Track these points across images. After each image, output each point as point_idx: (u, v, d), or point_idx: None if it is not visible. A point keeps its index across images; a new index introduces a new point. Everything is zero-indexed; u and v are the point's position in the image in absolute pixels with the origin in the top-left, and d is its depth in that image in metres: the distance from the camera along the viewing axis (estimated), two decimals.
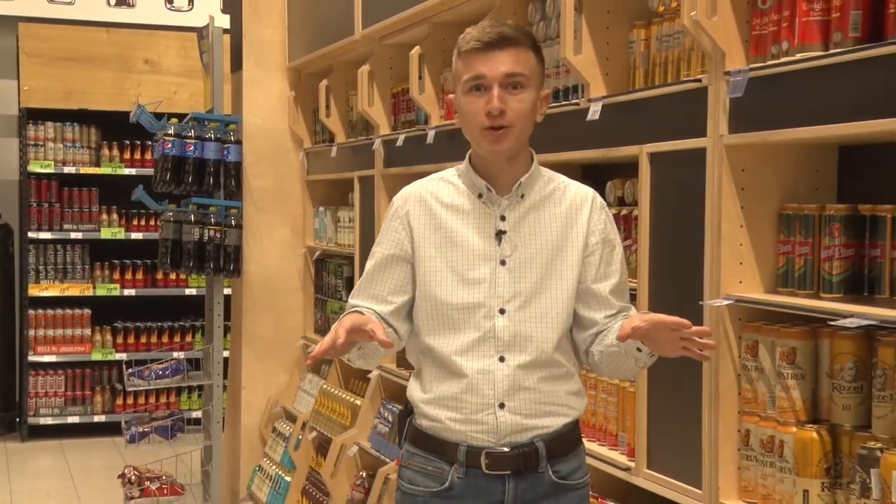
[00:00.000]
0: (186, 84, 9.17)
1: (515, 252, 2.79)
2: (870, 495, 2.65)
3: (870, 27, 2.68)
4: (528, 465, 2.78)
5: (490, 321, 2.77)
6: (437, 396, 2.81)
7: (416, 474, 2.86)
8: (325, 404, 6.06)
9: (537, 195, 2.84)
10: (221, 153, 6.51)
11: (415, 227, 2.85)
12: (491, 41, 2.69)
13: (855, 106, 2.61)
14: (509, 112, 2.69)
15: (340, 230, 6.29)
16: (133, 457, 7.08)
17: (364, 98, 5.52)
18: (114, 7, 9.76)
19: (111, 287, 9.46)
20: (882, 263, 2.76)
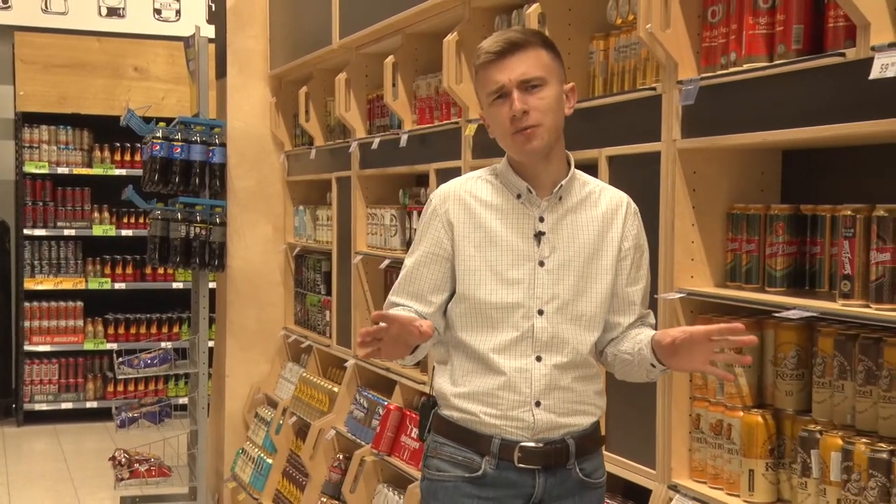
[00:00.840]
0: (174, 90, 9.18)
1: (554, 254, 2.68)
2: (810, 474, 2.68)
3: (811, 40, 2.70)
4: (558, 461, 2.70)
5: (529, 321, 2.67)
6: (472, 391, 2.71)
7: (444, 462, 2.75)
8: (304, 391, 6.07)
9: (575, 198, 2.74)
10: (207, 155, 6.52)
11: (455, 225, 2.73)
12: (501, 50, 2.62)
13: (797, 113, 2.63)
14: (533, 111, 2.60)
15: (319, 228, 6.29)
16: (123, 440, 7.09)
17: (341, 104, 5.52)
18: (105, 17, 9.72)
19: (102, 281, 9.45)
20: (822, 259, 2.79)
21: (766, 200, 3.08)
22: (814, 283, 2.86)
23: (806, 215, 2.87)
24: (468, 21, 4.25)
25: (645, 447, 3.16)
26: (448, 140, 4.44)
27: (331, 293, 5.93)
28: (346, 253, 5.66)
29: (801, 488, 2.71)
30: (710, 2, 2.98)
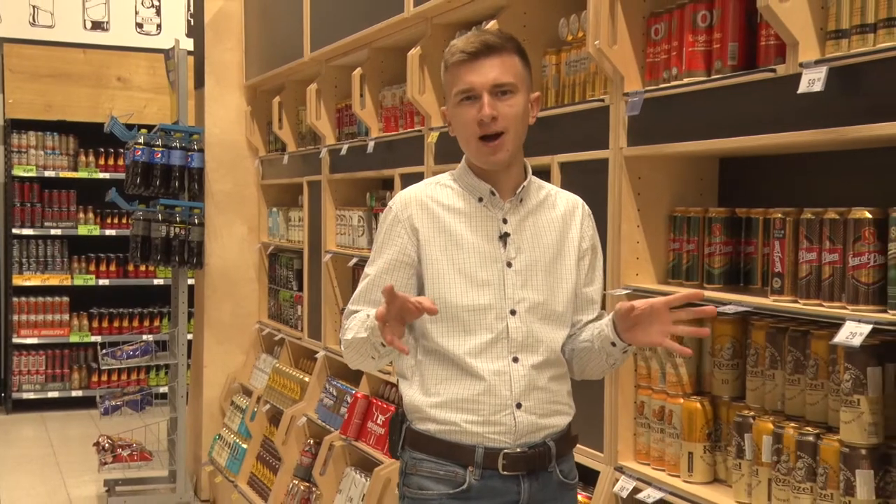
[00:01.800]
0: (155, 99, 9.13)
1: (520, 254, 2.51)
2: (744, 456, 2.71)
3: (745, 56, 2.73)
4: (540, 464, 2.51)
5: (502, 322, 2.48)
6: (450, 399, 2.48)
7: (425, 479, 2.51)
8: (277, 381, 6.06)
9: (534, 200, 2.58)
10: (186, 160, 6.48)
11: (420, 230, 2.52)
12: (476, 51, 2.43)
13: (733, 124, 2.66)
14: (501, 118, 2.42)
15: (291, 228, 6.28)
16: (107, 427, 7.04)
17: (312, 112, 5.52)
18: (90, 30, 9.66)
19: (87, 277, 9.39)
20: (755, 258, 2.82)
21: (705, 204, 3.10)
22: (748, 281, 2.89)
23: (741, 218, 2.89)
24: (430, 36, 4.26)
25: (594, 432, 3.18)
26: (412, 147, 4.45)
27: (302, 289, 5.93)
28: (316, 252, 5.66)
29: (736, 469, 2.74)
30: (653, 20, 3.01)
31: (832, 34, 2.41)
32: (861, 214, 2.38)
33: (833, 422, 2.51)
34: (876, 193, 2.40)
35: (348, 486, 4.85)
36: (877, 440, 2.38)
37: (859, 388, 2.39)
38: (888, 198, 2.28)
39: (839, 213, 2.45)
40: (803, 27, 2.43)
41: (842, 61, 2.33)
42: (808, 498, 2.50)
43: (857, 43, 2.35)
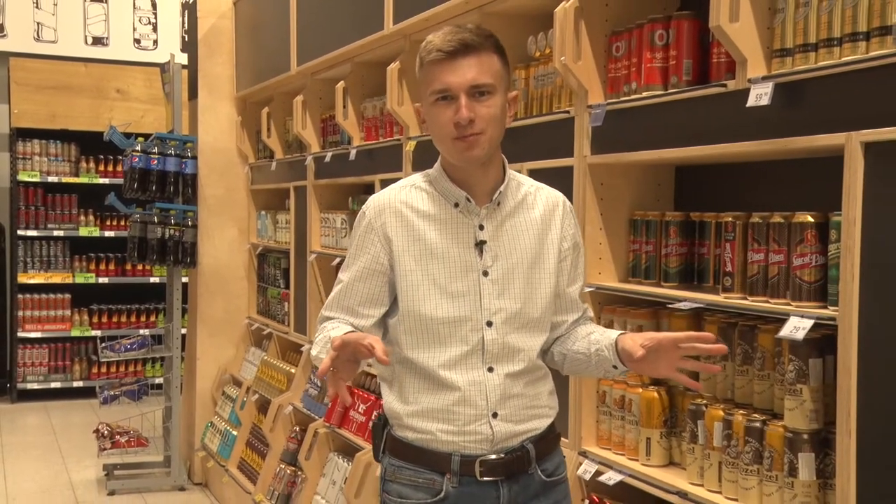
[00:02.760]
0: (151, 109, 9.10)
1: (497, 262, 2.29)
2: (697, 441, 2.72)
3: (698, 72, 2.75)
4: (519, 468, 2.32)
5: (478, 334, 2.27)
6: (426, 409, 2.30)
7: (405, 487, 2.34)
8: (265, 372, 6.06)
9: (512, 202, 2.35)
10: (180, 166, 6.49)
11: (393, 240, 2.31)
12: (453, 50, 2.19)
13: (687, 134, 2.67)
14: (478, 120, 2.20)
15: (279, 230, 6.28)
16: (106, 415, 7.03)
17: (298, 122, 5.52)
18: (90, 45, 9.61)
19: (88, 276, 9.34)
20: (708, 259, 2.84)
21: (662, 208, 3.12)
22: (701, 279, 2.91)
23: (695, 221, 2.91)
24: (408, 52, 4.27)
25: (559, 420, 3.18)
26: (391, 155, 4.45)
27: (289, 287, 5.92)
28: (302, 252, 5.66)
29: (690, 453, 2.76)
30: (614, 38, 3.02)
31: (777, 52, 2.44)
32: (804, 218, 2.40)
33: (778, 409, 2.53)
34: (817, 199, 2.41)
35: (332, 470, 4.85)
36: (817, 426, 2.40)
37: (802, 378, 2.41)
38: (828, 203, 2.30)
39: (784, 217, 2.47)
40: (751, 46, 2.46)
41: (786, 77, 2.35)
42: (755, 479, 2.51)
43: (800, 61, 2.37)
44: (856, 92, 2.18)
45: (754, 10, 2.46)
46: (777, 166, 2.75)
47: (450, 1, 3.77)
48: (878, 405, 2.14)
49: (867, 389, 2.16)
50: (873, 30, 2.20)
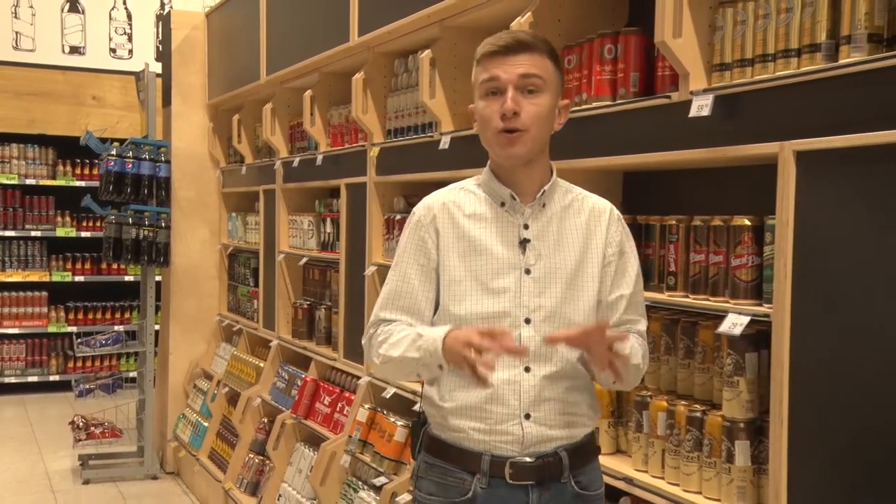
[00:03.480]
0: (126, 116, 9.03)
1: (540, 261, 2.19)
2: (642, 430, 2.75)
3: (645, 84, 2.78)
4: (551, 475, 2.18)
5: (516, 331, 2.15)
6: (460, 406, 2.18)
7: (434, 485, 2.23)
8: (235, 366, 6.04)
9: (558, 205, 2.25)
10: (154, 170, 6.46)
11: (441, 235, 2.23)
12: (507, 45, 2.13)
13: (634, 143, 2.69)
14: (524, 115, 2.11)
15: (248, 231, 6.26)
16: (81, 408, 6.98)
17: (267, 129, 5.51)
18: (68, 54, 9.50)
19: (64, 274, 9.25)
20: (653, 259, 2.84)
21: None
22: (647, 278, 2.88)
23: (641, 224, 2.90)
24: (372, 63, 4.28)
25: None
26: (356, 160, 4.46)
27: (258, 285, 5.91)
28: (271, 252, 5.64)
29: (636, 441, 2.78)
30: (566, 52, 3.03)
31: (717, 67, 2.47)
32: (741, 222, 2.43)
33: (717, 400, 2.55)
34: (754, 204, 2.44)
35: (298, 459, 4.85)
36: (753, 415, 2.43)
37: (739, 370, 2.44)
38: (764, 208, 2.33)
39: (723, 220, 2.50)
40: (693, 60, 2.48)
41: (725, 90, 2.38)
42: (695, 465, 2.54)
43: (737, 74, 2.40)
44: (788, 104, 2.22)
45: (696, 27, 2.49)
46: (717, 173, 2.78)
47: (411, 15, 3.78)
48: (807, 396, 2.17)
49: (798, 381, 2.19)
50: (804, 47, 2.24)
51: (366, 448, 4.09)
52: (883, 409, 1.99)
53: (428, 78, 3.67)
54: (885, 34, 2.11)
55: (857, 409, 2.05)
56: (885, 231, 1.98)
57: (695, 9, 2.48)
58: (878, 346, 2.00)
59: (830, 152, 2.10)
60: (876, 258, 2.01)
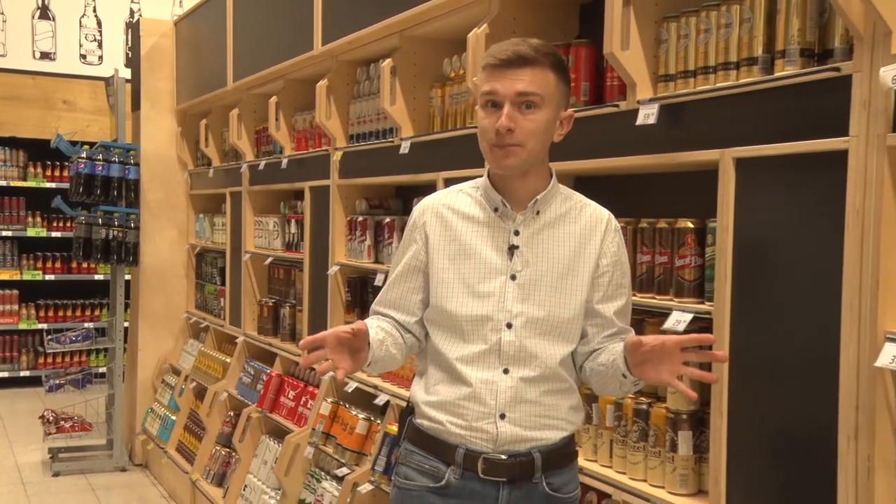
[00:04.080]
0: (96, 120, 8.95)
1: (526, 268, 2.14)
2: (591, 422, 2.76)
3: (594, 94, 2.80)
4: (523, 474, 2.15)
5: (497, 335, 2.13)
6: (440, 400, 2.18)
7: (412, 471, 2.23)
8: (202, 362, 6.01)
9: (553, 213, 2.19)
10: (124, 172, 6.41)
11: (430, 237, 2.21)
12: (507, 59, 2.06)
13: (585, 149, 2.71)
14: (518, 132, 2.05)
15: (216, 231, 6.22)
16: (51, 402, 6.89)
17: (234, 133, 5.48)
18: (38, 60, 9.36)
19: (35, 273, 9.13)
20: None
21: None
22: None
23: None
24: (335, 70, 4.28)
25: None
26: (319, 163, 4.45)
27: (225, 284, 5.88)
28: (237, 252, 5.62)
29: (585, 432, 2.79)
30: None
31: (662, 78, 2.50)
32: (685, 224, 2.46)
33: (662, 393, 2.58)
34: (697, 208, 2.46)
35: (263, 451, 4.83)
36: (695, 407, 2.46)
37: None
38: (706, 211, 2.37)
39: (668, 223, 2.52)
40: (640, 71, 2.51)
41: (670, 100, 2.41)
42: (641, 455, 2.57)
43: (681, 85, 2.43)
44: (728, 114, 2.25)
45: (642, 40, 2.51)
46: (662, 178, 2.80)
47: (373, 25, 3.79)
48: (745, 388, 2.21)
49: (736, 374, 2.23)
50: (742, 60, 2.27)
51: (329, 440, 4.09)
52: (811, 398, 2.03)
53: (389, 85, 3.68)
54: (815, 49, 2.15)
55: (788, 399, 2.10)
56: (814, 233, 2.02)
57: (641, 23, 2.51)
58: (807, 340, 2.04)
59: (766, 159, 2.14)
60: (806, 258, 2.05)
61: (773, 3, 2.22)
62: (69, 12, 9.48)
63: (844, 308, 1.95)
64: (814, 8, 2.14)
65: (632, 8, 2.50)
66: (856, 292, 1.93)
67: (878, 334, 1.89)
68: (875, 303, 1.90)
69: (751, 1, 2.25)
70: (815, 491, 2.03)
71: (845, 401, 1.96)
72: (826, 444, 2.00)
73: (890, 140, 1.87)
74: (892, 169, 1.88)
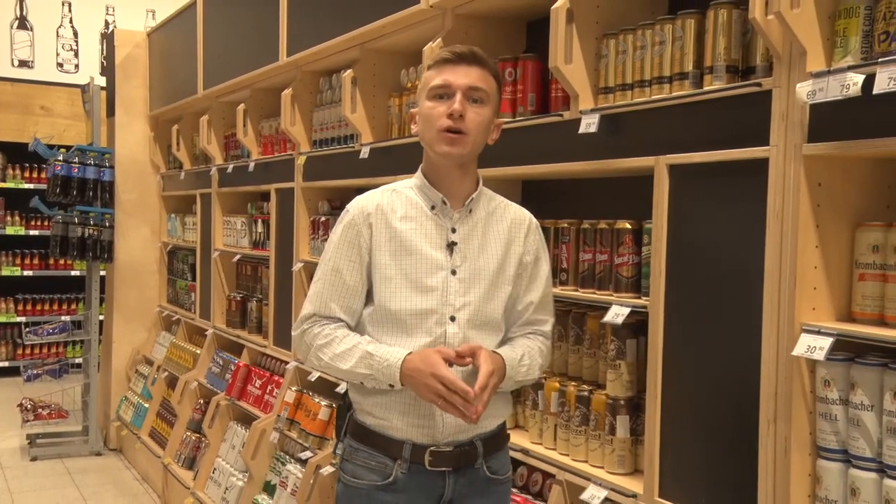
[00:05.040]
0: (73, 125, 8.83)
1: (465, 263, 2.09)
2: (538, 407, 2.78)
3: (541, 104, 2.81)
4: (467, 462, 2.11)
5: (441, 328, 2.06)
6: (386, 398, 2.09)
7: (358, 468, 2.13)
8: (174, 353, 5.95)
9: (483, 211, 2.16)
10: (99, 174, 6.36)
11: (374, 234, 2.10)
12: (462, 54, 2.06)
13: (531, 154, 2.73)
14: (468, 121, 2.03)
15: (187, 230, 6.17)
16: (29, 391, 6.81)
17: (204, 138, 5.44)
18: (17, 67, 9.20)
19: (14, 269, 8.98)
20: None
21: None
22: None
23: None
24: (299, 80, 4.26)
25: None
26: (284, 167, 4.44)
27: (195, 280, 5.83)
28: (207, 250, 5.58)
29: (532, 417, 2.82)
30: None
31: (602, 90, 2.52)
32: (623, 225, 2.48)
33: (602, 380, 2.60)
34: (634, 210, 2.49)
35: (231, 436, 4.80)
36: (632, 393, 2.50)
37: (621, 355, 2.50)
38: (643, 213, 2.39)
39: (608, 224, 2.54)
40: (582, 84, 2.53)
41: (609, 111, 2.43)
42: (583, 437, 2.59)
43: (619, 97, 2.45)
44: (662, 124, 2.28)
45: (584, 55, 2.53)
46: (603, 182, 2.82)
47: (335, 38, 3.78)
48: (677, 376, 2.24)
49: (669, 364, 2.26)
50: (675, 75, 2.30)
51: (293, 426, 4.08)
52: (736, 385, 2.07)
53: (350, 94, 3.68)
54: (740, 66, 2.19)
55: (715, 386, 2.13)
56: (739, 233, 2.05)
57: (583, 39, 2.53)
58: (733, 331, 2.08)
59: (697, 166, 2.17)
60: (732, 256, 2.08)
61: (701, 24, 2.25)
62: (46, 23, 9.34)
63: (766, 301, 1.99)
64: (738, 28, 2.18)
65: (574, 25, 2.51)
66: (776, 287, 1.97)
67: (795, 326, 1.93)
68: (792, 297, 1.93)
69: (682, 21, 2.29)
70: (738, 469, 2.07)
71: (766, 387, 1.99)
72: (749, 426, 2.03)
73: (805, 150, 1.91)
74: (808, 176, 1.92)
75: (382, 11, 3.41)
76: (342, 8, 3.76)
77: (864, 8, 1.86)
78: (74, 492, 5.49)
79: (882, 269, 1.90)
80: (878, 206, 2.00)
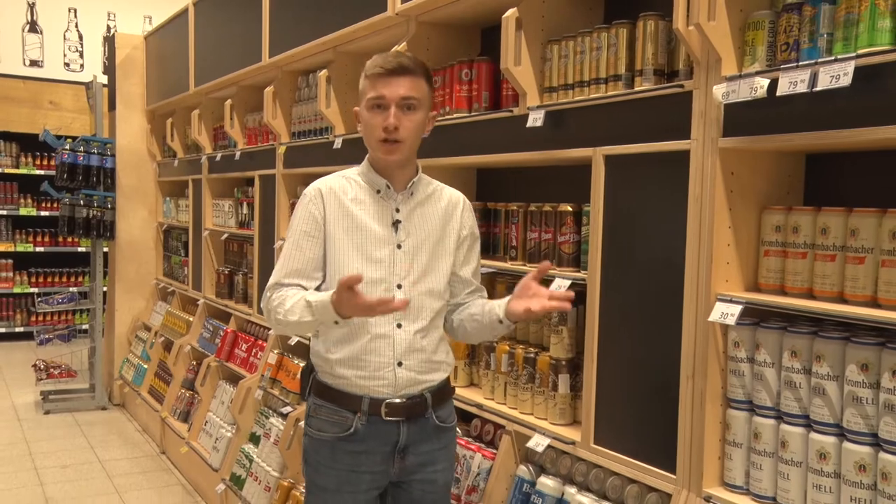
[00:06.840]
0: (78, 118, 8.65)
1: (409, 238, 2.12)
2: (490, 367, 2.78)
3: (493, 101, 2.79)
4: (418, 412, 2.13)
5: (390, 294, 2.06)
6: (343, 357, 2.10)
7: (322, 422, 2.14)
8: (169, 320, 5.88)
9: (422, 194, 2.18)
10: (102, 162, 6.26)
11: (328, 212, 2.11)
12: (392, 69, 2.02)
13: (484, 146, 2.70)
14: (402, 129, 2.03)
15: (180, 212, 6.08)
16: (42, 353, 6.72)
17: (195, 130, 5.35)
18: (28, 66, 8.98)
19: (27, 246, 8.82)
20: (499, 236, 2.85)
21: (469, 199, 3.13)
22: (495, 251, 2.90)
23: (491, 209, 2.92)
24: (280, 79, 4.19)
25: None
26: (267, 156, 4.37)
27: (188, 255, 5.75)
28: (198, 229, 5.50)
29: (485, 376, 2.82)
30: (434, 73, 2.99)
31: (547, 89, 2.50)
32: (565, 208, 2.47)
33: (546, 344, 2.60)
34: (575, 194, 2.49)
35: (221, 394, 4.75)
36: (572, 355, 2.50)
37: (563, 321, 2.50)
38: (582, 197, 2.39)
39: (552, 207, 2.53)
40: (529, 83, 2.51)
41: (553, 107, 2.41)
42: (529, 394, 2.59)
43: (562, 95, 2.44)
44: (599, 119, 2.27)
45: (531, 57, 2.51)
46: (548, 170, 2.82)
47: (311, 42, 3.72)
48: (611, 340, 2.24)
49: (604, 329, 2.26)
50: (610, 76, 2.29)
51: (275, 384, 4.04)
52: (661, 346, 2.07)
53: (325, 92, 3.63)
54: (665, 70, 2.19)
55: (644, 347, 2.14)
56: (664, 215, 2.05)
57: (530, 44, 2.51)
58: (658, 300, 2.08)
59: (628, 156, 2.16)
60: (658, 235, 2.08)
61: (633, 32, 2.24)
62: (55, 27, 9.13)
63: (687, 274, 1.99)
64: (664, 37, 2.17)
65: (523, 32, 2.49)
66: (695, 262, 1.97)
67: (711, 296, 1.94)
68: (709, 271, 1.94)
69: (616, 30, 2.27)
70: (662, 418, 2.08)
71: (686, 347, 2.00)
72: (671, 381, 2.04)
73: (721, 143, 1.91)
74: (723, 165, 1.93)
75: (354, 18, 3.36)
76: (318, 15, 3.70)
77: (768, 22, 1.87)
78: (83, 441, 5.42)
79: (783, 247, 1.92)
80: (780, 193, 2.01)
